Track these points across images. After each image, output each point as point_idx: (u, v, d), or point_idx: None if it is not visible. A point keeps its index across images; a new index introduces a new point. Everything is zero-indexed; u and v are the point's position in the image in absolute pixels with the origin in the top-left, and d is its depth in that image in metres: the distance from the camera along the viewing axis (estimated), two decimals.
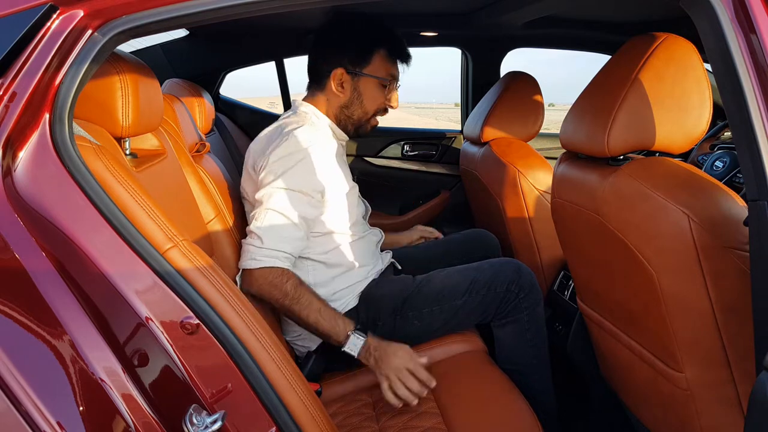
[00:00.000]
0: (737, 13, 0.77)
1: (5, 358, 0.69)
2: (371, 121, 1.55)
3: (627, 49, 1.08)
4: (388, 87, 1.52)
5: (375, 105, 1.52)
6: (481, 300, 1.46)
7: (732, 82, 0.78)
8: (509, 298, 1.46)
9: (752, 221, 0.80)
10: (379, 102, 1.52)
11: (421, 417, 1.24)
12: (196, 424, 0.74)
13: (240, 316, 0.83)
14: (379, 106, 1.53)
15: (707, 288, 0.94)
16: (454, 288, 1.47)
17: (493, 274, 1.47)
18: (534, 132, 1.94)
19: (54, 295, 0.74)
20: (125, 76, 0.95)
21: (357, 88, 1.50)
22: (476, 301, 1.46)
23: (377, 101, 1.52)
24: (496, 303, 1.46)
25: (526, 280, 1.47)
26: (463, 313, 1.47)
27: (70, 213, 0.76)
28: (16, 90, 0.75)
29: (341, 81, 1.48)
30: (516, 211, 1.78)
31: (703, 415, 1.05)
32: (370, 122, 1.55)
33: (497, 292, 1.46)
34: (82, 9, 0.77)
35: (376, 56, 1.48)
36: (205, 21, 0.84)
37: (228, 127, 2.45)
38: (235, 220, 1.50)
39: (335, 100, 1.51)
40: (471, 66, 2.68)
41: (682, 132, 1.00)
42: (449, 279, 1.50)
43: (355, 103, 1.51)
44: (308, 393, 0.88)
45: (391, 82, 1.52)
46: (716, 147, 2.06)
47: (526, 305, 1.46)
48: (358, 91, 1.50)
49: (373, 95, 1.50)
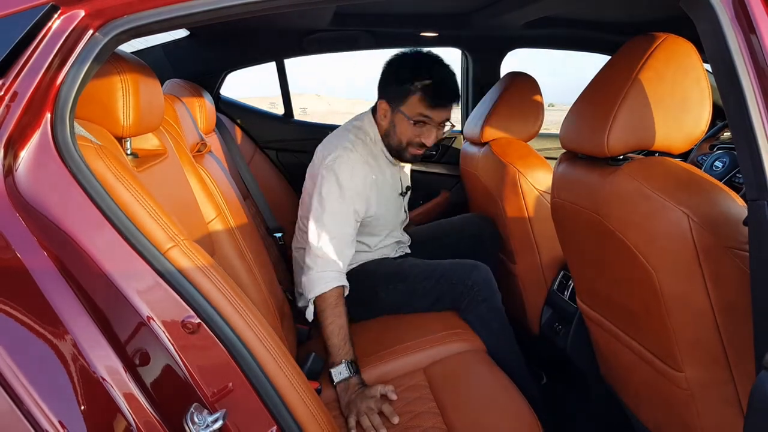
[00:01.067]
0: (737, 14, 0.78)
1: (7, 357, 0.70)
2: (408, 150, 1.68)
3: (627, 50, 1.08)
4: (422, 125, 1.63)
5: (406, 139, 1.65)
6: (434, 286, 1.66)
7: (732, 82, 0.78)
8: (464, 291, 1.64)
9: (752, 221, 0.80)
10: (410, 137, 1.65)
11: (421, 417, 1.24)
12: (197, 423, 0.74)
13: (241, 316, 0.83)
14: (411, 140, 1.65)
15: (707, 288, 0.94)
16: (417, 274, 1.69)
17: (451, 269, 1.67)
18: (534, 132, 1.94)
19: (55, 294, 0.74)
20: (126, 76, 0.96)
21: (393, 120, 1.66)
22: (431, 285, 1.67)
23: (408, 136, 1.65)
24: (451, 293, 1.66)
25: (480, 275, 1.65)
26: (418, 295, 1.68)
27: (71, 212, 0.77)
28: (18, 90, 0.75)
29: (384, 111, 1.67)
30: (516, 211, 1.79)
31: (703, 415, 1.05)
32: (408, 151, 1.68)
33: (452, 283, 1.65)
34: (84, 9, 0.77)
35: (412, 97, 1.60)
36: (205, 21, 0.85)
37: (228, 127, 2.45)
38: (236, 219, 1.50)
39: (380, 125, 1.71)
40: (471, 66, 2.68)
41: (682, 132, 1.01)
42: (416, 266, 1.71)
43: (391, 134, 1.68)
44: (309, 392, 0.89)
45: (426, 122, 1.62)
46: (716, 147, 2.07)
47: (482, 298, 1.64)
48: (394, 123, 1.66)
49: (404, 130, 1.64)
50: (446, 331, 1.56)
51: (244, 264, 1.40)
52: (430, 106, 1.59)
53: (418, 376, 1.41)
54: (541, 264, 1.82)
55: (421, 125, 1.63)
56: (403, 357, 1.48)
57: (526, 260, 1.84)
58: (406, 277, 1.69)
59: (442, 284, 1.66)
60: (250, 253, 1.45)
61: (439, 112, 1.62)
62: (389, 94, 1.65)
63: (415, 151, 1.68)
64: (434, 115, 1.61)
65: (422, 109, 1.60)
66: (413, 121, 1.61)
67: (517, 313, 1.99)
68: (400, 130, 1.65)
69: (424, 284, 1.67)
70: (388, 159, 1.75)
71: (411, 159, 1.71)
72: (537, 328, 1.89)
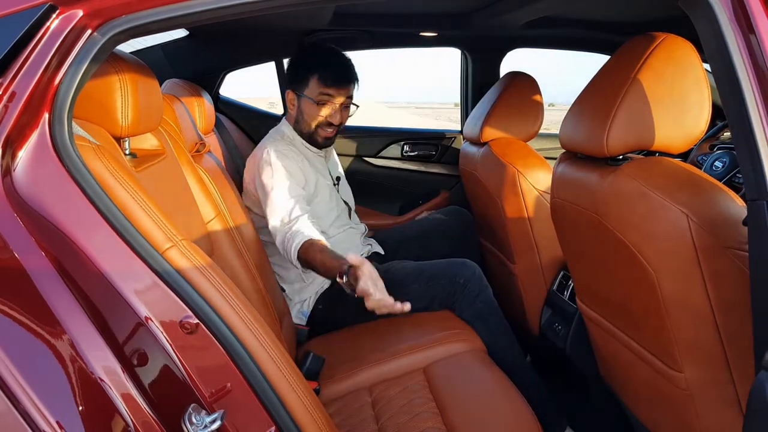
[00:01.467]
0: (736, 14, 0.78)
1: (5, 357, 0.69)
2: (319, 133, 1.81)
3: (626, 49, 1.08)
4: (325, 105, 1.76)
5: (315, 121, 1.79)
6: (425, 288, 1.71)
7: (731, 82, 0.78)
8: (457, 290, 1.69)
9: (751, 221, 0.80)
10: (318, 119, 1.79)
11: (421, 417, 1.24)
12: (195, 424, 0.74)
13: (239, 316, 0.83)
14: (319, 121, 1.79)
15: (706, 288, 0.94)
16: (405, 278, 1.73)
17: (439, 268, 1.73)
18: (534, 132, 1.94)
19: (53, 294, 0.74)
20: (125, 76, 0.95)
21: (300, 106, 1.80)
22: (422, 289, 1.71)
23: (316, 118, 1.78)
24: (443, 293, 1.70)
25: (469, 272, 1.71)
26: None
27: (69, 213, 0.76)
28: (16, 90, 0.75)
29: (291, 100, 1.82)
30: (515, 212, 1.78)
31: (702, 415, 1.05)
32: (318, 134, 1.81)
33: (443, 284, 1.70)
34: (82, 9, 0.77)
35: (312, 80, 1.76)
36: (205, 21, 0.84)
37: (228, 127, 2.45)
38: (235, 220, 1.50)
39: (291, 117, 1.85)
40: (471, 66, 2.68)
41: (682, 132, 1.00)
42: (402, 270, 1.76)
43: (300, 120, 1.82)
44: (308, 393, 0.89)
45: (327, 101, 1.76)
46: (716, 147, 2.06)
47: (475, 293, 1.69)
48: (301, 109, 1.80)
49: (311, 112, 1.78)
50: (446, 331, 1.56)
51: (243, 264, 1.40)
52: (327, 85, 1.74)
53: (418, 376, 1.40)
54: (541, 264, 1.82)
55: (324, 105, 1.76)
56: (403, 357, 1.48)
57: (525, 260, 1.84)
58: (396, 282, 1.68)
59: (432, 286, 1.71)
60: (248, 253, 1.45)
61: (337, 90, 1.76)
62: (293, 83, 1.81)
63: (326, 133, 1.81)
64: (334, 93, 1.75)
65: (322, 89, 1.75)
66: (316, 101, 1.75)
67: (517, 313, 1.99)
68: (308, 113, 1.78)
69: (414, 287, 1.71)
70: (310, 150, 1.86)
71: (324, 141, 1.83)
72: (537, 328, 1.89)
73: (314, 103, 1.76)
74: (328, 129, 1.81)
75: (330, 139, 1.84)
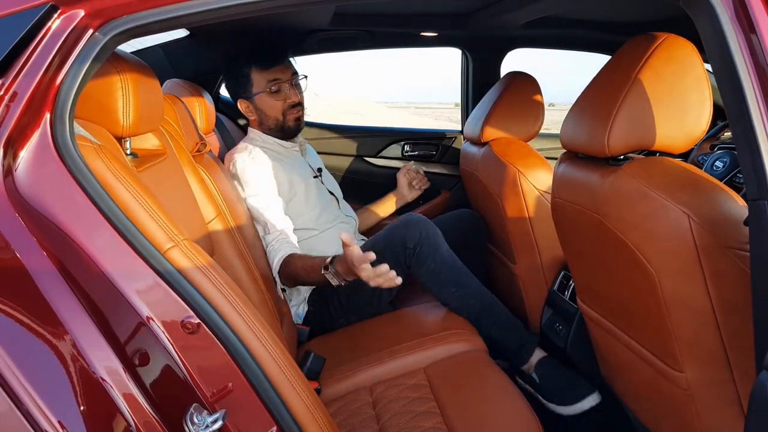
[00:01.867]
0: (737, 13, 0.77)
1: (6, 357, 0.70)
2: (288, 118, 1.78)
3: (627, 49, 1.08)
4: (280, 90, 1.75)
5: (278, 110, 1.77)
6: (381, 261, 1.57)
7: (732, 82, 0.78)
8: (408, 254, 1.62)
9: (752, 221, 0.80)
10: (279, 106, 1.77)
11: (421, 417, 1.24)
12: (197, 424, 0.74)
13: (241, 316, 0.83)
14: (282, 108, 1.77)
15: (707, 288, 0.94)
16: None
17: (387, 239, 1.65)
18: (534, 132, 1.94)
19: (55, 294, 0.74)
20: (126, 76, 0.95)
21: (257, 106, 1.78)
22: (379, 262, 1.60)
23: (277, 106, 1.77)
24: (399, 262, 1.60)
25: (414, 231, 1.61)
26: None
27: (70, 212, 0.76)
28: (17, 90, 0.75)
29: (246, 108, 1.80)
30: (516, 211, 1.78)
31: (703, 415, 1.05)
32: (287, 120, 1.79)
33: (395, 252, 1.61)
34: (83, 9, 0.77)
35: (252, 75, 1.74)
36: (205, 21, 0.85)
37: (228, 127, 2.45)
38: (236, 219, 1.50)
39: (254, 123, 1.83)
40: (471, 66, 2.68)
41: (682, 132, 1.00)
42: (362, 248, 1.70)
43: (264, 119, 1.79)
44: (309, 392, 0.89)
45: (279, 85, 1.74)
46: (716, 147, 2.06)
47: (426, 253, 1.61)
48: (260, 109, 1.78)
49: (270, 105, 1.76)
50: (446, 331, 1.56)
51: (244, 264, 1.40)
52: (268, 68, 1.73)
53: (418, 376, 1.40)
54: (542, 264, 1.82)
55: (278, 91, 1.75)
56: (403, 357, 1.48)
57: (526, 260, 1.84)
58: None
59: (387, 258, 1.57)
60: (249, 253, 1.46)
61: (279, 70, 1.75)
62: (239, 91, 1.79)
63: (295, 114, 1.79)
64: (279, 75, 1.74)
65: (266, 75, 1.74)
66: (269, 90, 1.74)
67: (518, 313, 1.98)
68: (267, 107, 1.76)
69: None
70: (284, 146, 1.84)
71: (296, 123, 1.80)
72: (538, 328, 1.89)
73: (268, 93, 1.74)
74: (294, 110, 1.78)
75: (300, 119, 1.81)
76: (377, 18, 2.34)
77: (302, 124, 1.84)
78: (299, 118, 1.81)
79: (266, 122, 1.80)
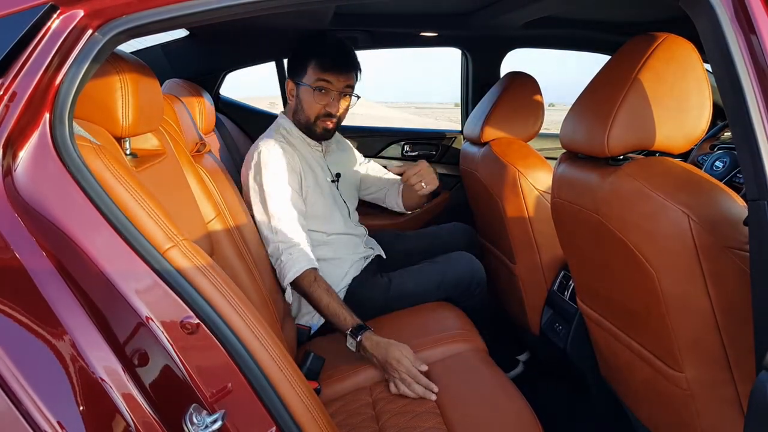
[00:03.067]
0: (737, 14, 0.77)
1: (6, 357, 0.70)
2: (318, 123, 1.76)
3: (627, 50, 1.08)
4: (324, 93, 1.72)
5: (314, 110, 1.74)
6: (446, 298, 1.77)
7: (732, 82, 0.78)
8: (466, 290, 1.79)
9: (752, 221, 0.80)
10: (316, 108, 1.73)
11: (421, 417, 1.24)
12: (196, 424, 0.74)
13: (240, 316, 0.83)
14: (318, 111, 1.74)
15: (707, 288, 0.94)
16: (426, 291, 1.76)
17: (455, 277, 1.77)
18: (534, 132, 1.94)
19: (54, 294, 0.74)
20: (125, 76, 0.95)
21: (299, 95, 1.76)
22: (442, 297, 1.77)
23: (314, 107, 1.73)
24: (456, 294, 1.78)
25: (478, 274, 1.80)
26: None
27: (70, 212, 0.76)
28: (17, 90, 0.75)
29: (291, 89, 1.78)
30: (516, 211, 1.78)
31: (703, 415, 1.05)
32: (316, 125, 1.76)
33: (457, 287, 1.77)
34: (83, 9, 0.77)
35: (310, 67, 1.71)
36: (205, 21, 0.84)
37: (228, 127, 2.45)
38: (236, 219, 1.50)
39: (290, 109, 1.81)
40: (471, 66, 2.68)
41: (682, 132, 1.00)
42: (420, 284, 1.77)
43: (299, 111, 1.77)
44: (308, 393, 0.89)
45: (327, 89, 1.72)
46: (716, 147, 2.06)
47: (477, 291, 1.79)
48: (300, 98, 1.75)
49: (309, 101, 1.73)
50: (446, 331, 1.56)
51: (244, 264, 1.40)
52: (325, 70, 1.70)
53: None
54: (541, 264, 1.82)
55: (322, 93, 1.72)
56: None
57: (526, 260, 1.84)
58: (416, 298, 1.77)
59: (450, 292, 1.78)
60: (249, 253, 1.46)
61: (335, 76, 1.71)
62: (292, 72, 1.77)
63: (325, 123, 1.76)
64: (332, 80, 1.70)
65: (319, 74, 1.70)
66: (314, 88, 1.71)
67: (518, 313, 1.99)
68: (306, 102, 1.74)
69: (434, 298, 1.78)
70: (309, 144, 1.82)
71: (323, 132, 1.78)
72: (537, 328, 1.89)
73: (312, 90, 1.72)
74: (326, 120, 1.75)
75: (329, 131, 1.78)
76: (377, 18, 2.34)
77: (330, 135, 1.81)
78: (328, 128, 1.77)
79: (299, 114, 1.77)
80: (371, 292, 1.75)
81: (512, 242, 1.85)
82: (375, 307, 1.72)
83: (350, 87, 1.76)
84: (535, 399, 1.32)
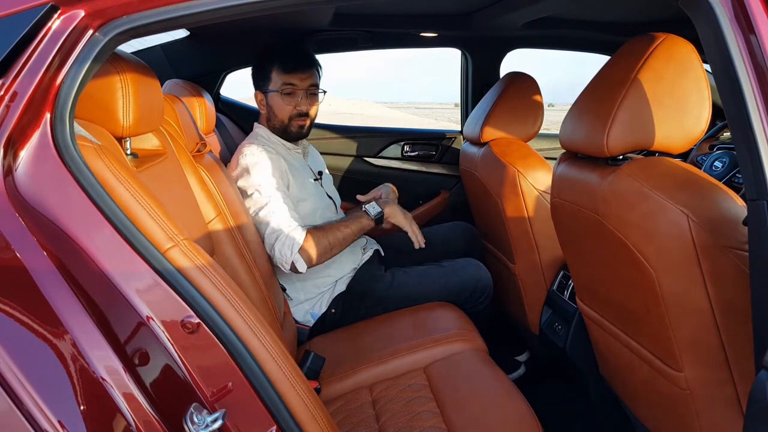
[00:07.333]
0: (736, 14, 0.78)
1: (6, 357, 0.70)
2: (292, 124, 1.81)
3: (626, 50, 1.08)
4: (292, 95, 1.78)
5: (285, 113, 1.80)
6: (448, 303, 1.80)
7: (731, 82, 0.78)
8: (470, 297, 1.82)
9: (751, 221, 0.80)
10: (287, 109, 1.79)
11: (421, 416, 1.24)
12: (196, 423, 0.74)
13: (240, 315, 0.83)
14: (290, 112, 1.80)
15: (706, 287, 0.94)
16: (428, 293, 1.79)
17: (460, 283, 1.81)
18: (534, 132, 1.94)
19: (55, 294, 0.74)
20: (126, 76, 0.96)
21: (269, 103, 1.81)
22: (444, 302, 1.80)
23: (285, 109, 1.79)
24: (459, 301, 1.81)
25: (483, 282, 1.84)
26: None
27: (71, 212, 0.77)
28: (18, 90, 0.75)
29: (260, 100, 1.84)
30: (515, 211, 1.79)
31: (702, 415, 1.05)
32: (291, 126, 1.82)
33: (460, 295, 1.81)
34: (83, 9, 0.77)
35: (272, 72, 1.78)
36: (205, 21, 0.85)
37: (228, 127, 2.45)
38: (236, 219, 1.50)
39: (263, 118, 1.86)
40: (471, 66, 2.68)
41: (682, 132, 1.01)
42: (422, 286, 1.80)
43: (272, 117, 1.82)
44: (309, 392, 0.89)
45: (293, 91, 1.78)
46: (715, 147, 2.07)
47: (481, 300, 1.84)
48: (270, 106, 1.81)
49: (279, 106, 1.79)
50: (446, 331, 1.56)
51: (244, 263, 1.40)
52: (288, 72, 1.76)
53: (418, 376, 1.41)
54: (541, 264, 1.82)
55: (290, 95, 1.78)
56: (403, 357, 1.48)
57: (525, 260, 1.84)
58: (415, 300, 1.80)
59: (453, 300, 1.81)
60: (249, 253, 1.46)
61: (299, 76, 1.77)
62: (257, 83, 1.83)
63: (299, 122, 1.81)
64: (296, 81, 1.77)
65: (283, 77, 1.77)
66: (281, 92, 1.77)
67: (517, 313, 1.99)
68: (277, 107, 1.79)
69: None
70: (288, 148, 1.86)
71: (299, 131, 1.83)
72: (537, 328, 1.89)
73: (280, 94, 1.77)
74: (299, 119, 1.81)
75: (303, 128, 1.84)
76: (377, 18, 2.34)
77: (305, 133, 1.86)
78: (303, 126, 1.83)
79: (273, 120, 1.83)
80: (372, 284, 1.79)
81: (512, 242, 1.86)
82: (374, 297, 1.77)
83: (314, 86, 1.82)
84: (535, 399, 1.32)
